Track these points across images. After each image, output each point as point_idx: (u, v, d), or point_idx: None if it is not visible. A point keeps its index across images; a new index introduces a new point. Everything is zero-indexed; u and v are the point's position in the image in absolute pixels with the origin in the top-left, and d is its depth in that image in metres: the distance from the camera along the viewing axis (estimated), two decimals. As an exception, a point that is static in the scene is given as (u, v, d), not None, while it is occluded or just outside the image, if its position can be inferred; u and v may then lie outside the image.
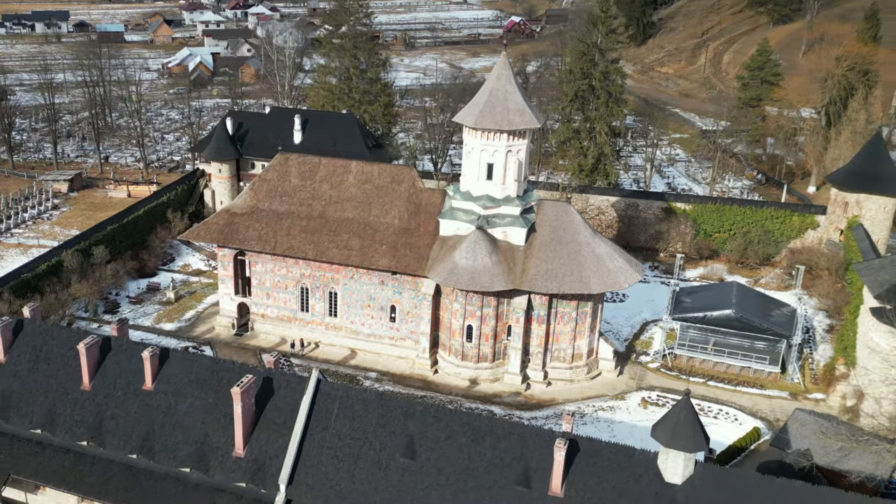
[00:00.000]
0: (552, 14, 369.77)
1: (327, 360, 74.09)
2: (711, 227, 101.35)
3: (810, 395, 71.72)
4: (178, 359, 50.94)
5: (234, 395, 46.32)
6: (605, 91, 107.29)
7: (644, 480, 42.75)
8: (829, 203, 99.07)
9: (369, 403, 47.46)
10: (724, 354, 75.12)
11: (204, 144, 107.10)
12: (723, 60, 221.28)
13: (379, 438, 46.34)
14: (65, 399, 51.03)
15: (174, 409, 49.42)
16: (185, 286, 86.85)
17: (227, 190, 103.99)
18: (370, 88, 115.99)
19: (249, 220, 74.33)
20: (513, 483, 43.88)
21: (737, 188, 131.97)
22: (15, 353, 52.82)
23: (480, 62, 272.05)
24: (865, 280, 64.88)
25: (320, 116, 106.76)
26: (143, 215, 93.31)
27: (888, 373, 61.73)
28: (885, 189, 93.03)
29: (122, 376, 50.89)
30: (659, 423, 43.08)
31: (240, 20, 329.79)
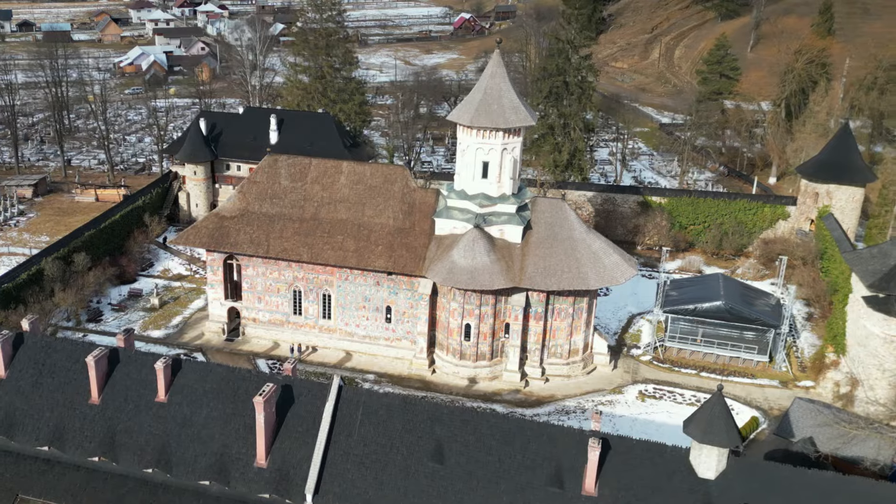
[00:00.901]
0: (500, 10, 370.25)
1: (322, 363, 72.67)
2: (686, 219, 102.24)
3: (799, 384, 72.73)
4: (191, 369, 49.17)
5: (257, 404, 44.85)
6: (578, 87, 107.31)
7: (677, 477, 42.53)
8: (799, 194, 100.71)
9: (394, 408, 46.41)
10: (713, 345, 75.75)
11: (177, 146, 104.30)
12: (675, 55, 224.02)
13: (406, 444, 45.34)
14: (73, 414, 48.86)
15: (190, 420, 47.70)
16: (168, 292, 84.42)
17: (203, 192, 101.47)
18: (345, 87, 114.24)
19: (240, 223, 72.41)
20: (545, 484, 43.30)
21: (701, 180, 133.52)
22: (16, 368, 50.41)
23: (434, 59, 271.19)
24: (856, 270, 65.84)
25: (296, 116, 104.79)
26: (119, 220, 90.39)
27: (882, 360, 62.81)
28: (854, 179, 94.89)
29: (133, 388, 48.94)
30: (691, 418, 42.84)
31: (189, 18, 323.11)
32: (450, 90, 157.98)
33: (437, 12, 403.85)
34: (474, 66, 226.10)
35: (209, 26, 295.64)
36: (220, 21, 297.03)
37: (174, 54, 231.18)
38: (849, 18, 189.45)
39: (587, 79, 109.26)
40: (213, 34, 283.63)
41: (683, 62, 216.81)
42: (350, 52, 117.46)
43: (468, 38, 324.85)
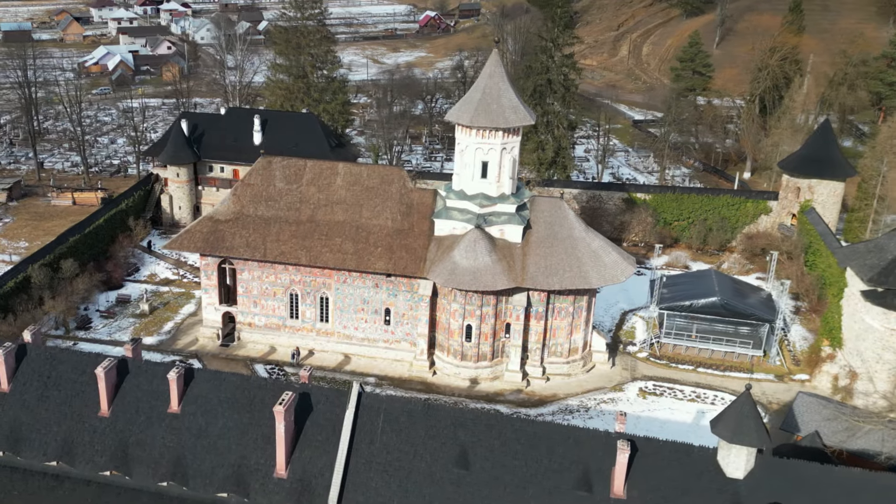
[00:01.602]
0: (464, 8, 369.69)
1: (321, 366, 71.34)
2: (671, 215, 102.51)
3: (795, 377, 73.16)
4: (205, 378, 47.68)
5: (277, 413, 43.61)
6: (561, 85, 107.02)
7: (705, 477, 42.18)
8: (780, 189, 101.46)
9: (416, 414, 45.44)
10: (709, 341, 75.88)
11: (158, 148, 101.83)
12: (642, 52, 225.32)
13: (429, 450, 44.40)
14: (82, 427, 47.11)
15: (205, 431, 46.26)
16: (156, 297, 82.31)
17: (186, 194, 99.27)
18: (327, 86, 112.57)
19: (235, 226, 70.75)
20: (573, 488, 42.70)
21: (678, 176, 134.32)
22: (20, 381, 48.49)
23: (402, 57, 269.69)
24: (853, 265, 66.27)
25: (280, 117, 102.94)
26: (103, 224, 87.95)
27: (882, 352, 63.33)
28: (835, 174, 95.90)
29: (144, 399, 47.34)
30: (719, 418, 42.49)
31: (152, 17, 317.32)
32: (426, 88, 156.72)
33: (402, 10, 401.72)
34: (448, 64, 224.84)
35: (173, 25, 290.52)
36: (184, 19, 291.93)
37: (140, 54, 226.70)
38: (810, 15, 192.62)
39: (569, 77, 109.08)
40: (177, 33, 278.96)
41: (651, 59, 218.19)
42: (331, 51, 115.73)
43: (434, 36, 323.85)
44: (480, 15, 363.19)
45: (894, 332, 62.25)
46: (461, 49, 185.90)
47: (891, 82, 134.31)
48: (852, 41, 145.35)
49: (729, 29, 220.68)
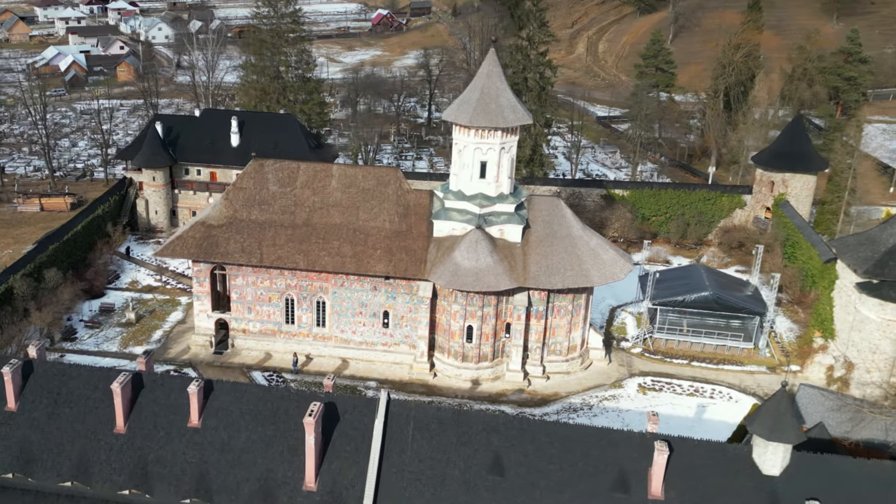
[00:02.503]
0: (416, 6, 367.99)
1: (320, 371, 69.67)
2: (649, 211, 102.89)
3: (786, 368, 73.90)
4: (224, 391, 45.88)
5: (308, 425, 42.14)
6: (537, 84, 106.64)
7: (742, 475, 41.96)
8: (754, 183, 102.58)
9: (446, 421, 44.37)
10: (701, 335, 76.21)
11: (132, 151, 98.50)
12: (599, 49, 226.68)
13: (462, 457, 43.39)
14: (97, 445, 44.98)
15: (228, 445, 44.54)
16: (141, 305, 79.57)
17: (162, 198, 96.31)
18: (303, 86, 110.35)
19: (228, 231, 68.65)
20: (609, 490, 42.13)
21: (646, 171, 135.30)
22: (28, 399, 46.13)
23: (358, 55, 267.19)
24: (845, 257, 67.06)
25: (257, 118, 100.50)
26: (81, 231, 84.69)
27: (878, 342, 64.20)
28: (808, 168, 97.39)
29: (162, 414, 45.40)
30: (755, 416, 42.34)
31: (100, 16, 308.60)
32: (393, 87, 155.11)
33: (353, 8, 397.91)
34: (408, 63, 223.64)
35: (123, 24, 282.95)
36: (133, 18, 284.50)
37: (92, 54, 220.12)
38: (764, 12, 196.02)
39: (545, 75, 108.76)
40: (127, 32, 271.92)
41: (608, 56, 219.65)
42: (306, 51, 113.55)
43: (387, 35, 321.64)
44: (432, 13, 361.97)
45: (891, 322, 63.12)
46: (425, 48, 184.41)
47: (848, 77, 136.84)
48: (808, 37, 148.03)
49: (682, 26, 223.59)
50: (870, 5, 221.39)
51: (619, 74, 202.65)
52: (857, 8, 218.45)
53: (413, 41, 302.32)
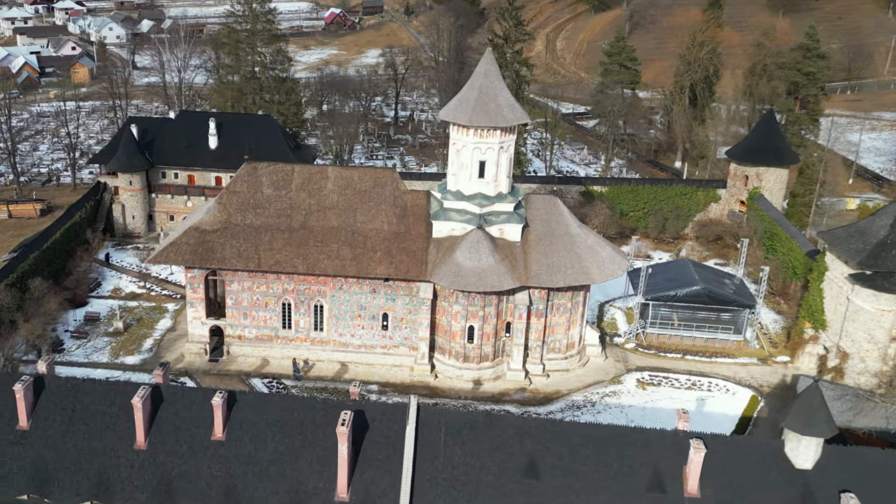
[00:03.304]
0: (368, 5, 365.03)
1: (319, 376, 68.24)
2: (627, 206, 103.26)
3: (777, 359, 74.67)
4: (248, 401, 44.42)
5: (341, 435, 40.96)
6: (514, 82, 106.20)
7: (774, 470, 41.99)
8: (728, 177, 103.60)
9: (478, 425, 43.61)
10: (692, 328, 76.55)
11: (106, 155, 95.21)
12: (556, 47, 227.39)
13: (496, 462, 42.65)
14: (117, 462, 43.16)
15: (255, 457, 43.09)
16: (127, 313, 76.93)
17: (139, 203, 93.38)
18: (280, 86, 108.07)
19: (223, 236, 66.66)
20: (646, 490, 41.81)
21: (615, 167, 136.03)
22: (41, 417, 44.04)
23: (314, 55, 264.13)
24: (837, 249, 67.88)
25: (235, 119, 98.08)
26: (60, 238, 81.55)
27: (873, 332, 65.17)
28: (781, 161, 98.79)
29: (184, 428, 43.75)
30: (790, 412, 42.32)
31: (46, 16, 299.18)
32: (361, 87, 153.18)
33: (304, 7, 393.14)
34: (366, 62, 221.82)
35: (71, 24, 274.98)
36: (82, 18, 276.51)
37: (43, 55, 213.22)
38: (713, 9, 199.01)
39: (520, 73, 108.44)
40: (76, 32, 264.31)
41: (567, 54, 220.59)
42: (282, 51, 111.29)
43: (342, 34, 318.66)
44: (384, 12, 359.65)
45: (885, 312, 64.11)
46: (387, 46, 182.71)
47: (807, 72, 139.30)
48: (765, 34, 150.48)
49: (636, 24, 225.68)
50: (814, 2, 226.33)
51: (579, 71, 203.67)
52: (802, 4, 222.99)
53: (368, 40, 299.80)
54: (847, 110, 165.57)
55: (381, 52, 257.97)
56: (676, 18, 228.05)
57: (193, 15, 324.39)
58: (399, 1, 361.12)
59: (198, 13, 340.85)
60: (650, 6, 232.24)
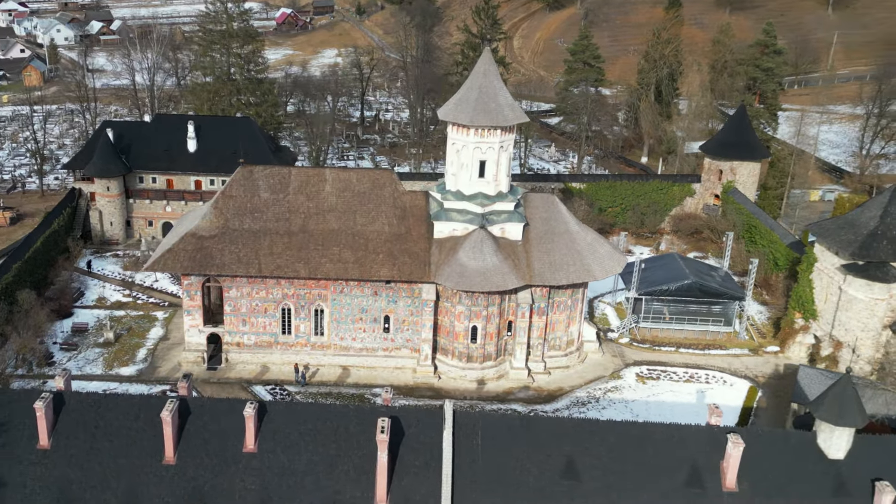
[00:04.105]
0: (318, 5, 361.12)
1: (322, 381, 66.77)
2: (605, 202, 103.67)
3: (767, 349, 75.57)
4: (278, 411, 43.05)
5: (381, 442, 39.97)
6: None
7: (809, 461, 42.24)
8: (703, 171, 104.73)
9: (514, 428, 43.05)
10: (684, 322, 77.05)
11: (81, 160, 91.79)
12: (514, 46, 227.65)
13: (535, 463, 42.08)
14: (146, 479, 41.41)
15: (289, 468, 41.78)
16: (117, 322, 74.26)
17: (118, 209, 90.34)
18: (257, 87, 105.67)
19: (221, 242, 64.73)
20: (684, 486, 41.69)
21: (572, 162, 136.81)
22: (62, 435, 42.03)
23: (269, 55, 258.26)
24: (827, 241, 68.91)
25: (214, 122, 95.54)
26: (41, 248, 78.38)
27: (867, 321, 66.32)
28: (754, 155, 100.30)
29: (213, 440, 42.21)
30: (820, 403, 42.62)
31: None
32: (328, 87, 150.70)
33: (254, 7, 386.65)
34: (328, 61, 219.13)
35: (16, 26, 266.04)
36: (28, 20, 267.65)
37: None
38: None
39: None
40: (22, 34, 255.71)
41: (524, 52, 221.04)
42: (258, 52, 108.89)
43: (294, 34, 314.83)
44: (335, 12, 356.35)
45: (878, 301, 65.29)
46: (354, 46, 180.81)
47: (766, 68, 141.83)
48: (722, 30, 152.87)
49: (591, 22, 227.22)
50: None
51: (538, 70, 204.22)
52: (747, 2, 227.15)
53: (322, 40, 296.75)
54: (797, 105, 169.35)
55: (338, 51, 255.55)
56: (629, 16, 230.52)
57: (142, 16, 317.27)
58: (349, 0, 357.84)
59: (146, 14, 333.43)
60: (603, 4, 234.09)
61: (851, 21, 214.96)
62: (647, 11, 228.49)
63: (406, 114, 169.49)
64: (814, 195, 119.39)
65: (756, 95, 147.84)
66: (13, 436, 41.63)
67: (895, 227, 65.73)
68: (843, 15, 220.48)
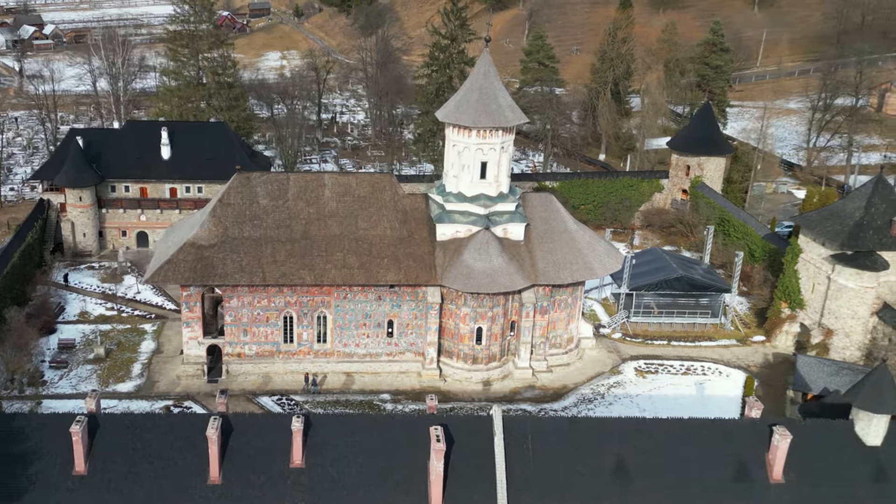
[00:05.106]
0: (254, 7, 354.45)
1: (328, 389, 64.97)
2: (578, 199, 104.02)
3: (754, 339, 76.77)
4: (322, 424, 41.47)
5: (437, 452, 38.85)
6: (461, 81, 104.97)
7: (848, 449, 42.74)
8: (670, 167, 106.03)
9: (563, 430, 42.44)
10: (673, 315, 77.75)
11: (49, 170, 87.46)
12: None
13: (586, 465, 41.53)
14: (190, 500, 39.40)
15: (338, 482, 40.29)
16: (105, 337, 70.93)
17: (91, 220, 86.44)
18: (229, 92, 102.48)
19: (222, 251, 62.37)
20: (733, 480, 41.73)
21: (541, 162, 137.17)
22: (98, 460, 39.64)
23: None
24: (814, 232, 70.31)
25: (188, 128, 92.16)
26: (18, 262, 74.37)
27: (857, 308, 67.89)
28: (720, 151, 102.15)
29: (258, 457, 40.42)
30: (858, 392, 43.15)
31: None
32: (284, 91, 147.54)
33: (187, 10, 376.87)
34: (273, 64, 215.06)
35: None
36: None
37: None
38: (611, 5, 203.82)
39: (465, 73, 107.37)
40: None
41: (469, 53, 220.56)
42: (229, 56, 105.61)
43: (233, 37, 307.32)
44: (272, 14, 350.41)
45: (868, 289, 66.91)
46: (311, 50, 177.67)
47: (715, 65, 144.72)
48: (666, 30, 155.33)
49: (534, 23, 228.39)
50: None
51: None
52: (679, 2, 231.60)
53: (263, 42, 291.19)
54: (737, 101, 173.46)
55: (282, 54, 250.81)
56: (569, 17, 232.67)
57: (71, 20, 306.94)
58: (285, 2, 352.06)
59: (75, 17, 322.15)
60: (545, 5, 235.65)
61: (776, 19, 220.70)
62: (586, 11, 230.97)
63: (361, 116, 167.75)
64: (769, 187, 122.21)
65: (706, 93, 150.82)
66: (47, 462, 39.12)
67: (880, 216, 67.49)
68: (769, 13, 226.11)
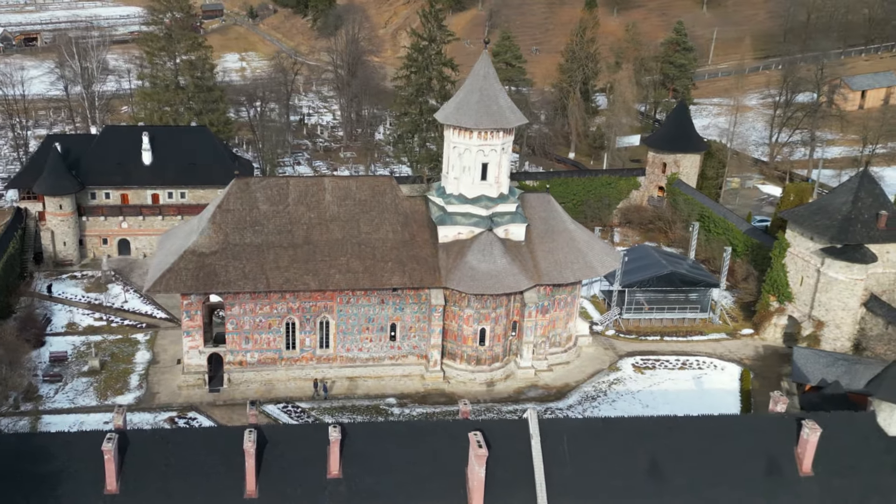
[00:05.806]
0: (207, 9, 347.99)
1: (333, 395, 63.85)
2: (558, 198, 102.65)
3: (742, 332, 77.69)
4: (357, 433, 40.47)
5: (479, 458, 38.23)
6: (440, 84, 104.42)
7: (872, 439, 43.26)
8: (647, 165, 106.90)
9: (597, 431, 42.18)
10: (663, 310, 78.25)
11: (27, 178, 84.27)
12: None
13: (622, 465, 41.30)
14: (228, 517, 38.10)
15: (377, 491, 39.37)
16: (98, 349, 68.58)
17: (71, 228, 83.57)
18: (208, 96, 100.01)
19: (224, 258, 60.74)
20: (764, 474, 41.91)
21: (514, 161, 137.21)
22: (129, 478, 38.07)
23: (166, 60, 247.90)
24: (802, 227, 71.33)
25: (169, 132, 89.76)
26: (1, 273, 71.52)
27: (847, 300, 69.10)
28: (696, 148, 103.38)
29: (293, 469, 39.30)
30: (881, 384, 43.74)
31: None
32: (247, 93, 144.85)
33: (135, 12, 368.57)
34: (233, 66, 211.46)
35: None
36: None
37: None
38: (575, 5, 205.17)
39: (444, 74, 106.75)
40: None
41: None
42: (207, 58, 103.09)
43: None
44: (225, 15, 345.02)
45: (858, 281, 68.13)
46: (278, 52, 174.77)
47: (680, 64, 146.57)
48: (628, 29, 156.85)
49: (494, 24, 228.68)
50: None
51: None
52: (631, 2, 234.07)
53: (220, 44, 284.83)
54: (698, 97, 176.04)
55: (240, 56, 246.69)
56: (527, 17, 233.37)
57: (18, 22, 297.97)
58: (237, 4, 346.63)
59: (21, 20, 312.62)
60: (503, 6, 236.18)
61: (724, 18, 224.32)
62: (543, 12, 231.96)
63: (329, 117, 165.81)
64: (735, 183, 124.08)
65: (670, 91, 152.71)
66: (77, 482, 37.46)
67: (867, 210, 68.80)
68: (717, 13, 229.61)
